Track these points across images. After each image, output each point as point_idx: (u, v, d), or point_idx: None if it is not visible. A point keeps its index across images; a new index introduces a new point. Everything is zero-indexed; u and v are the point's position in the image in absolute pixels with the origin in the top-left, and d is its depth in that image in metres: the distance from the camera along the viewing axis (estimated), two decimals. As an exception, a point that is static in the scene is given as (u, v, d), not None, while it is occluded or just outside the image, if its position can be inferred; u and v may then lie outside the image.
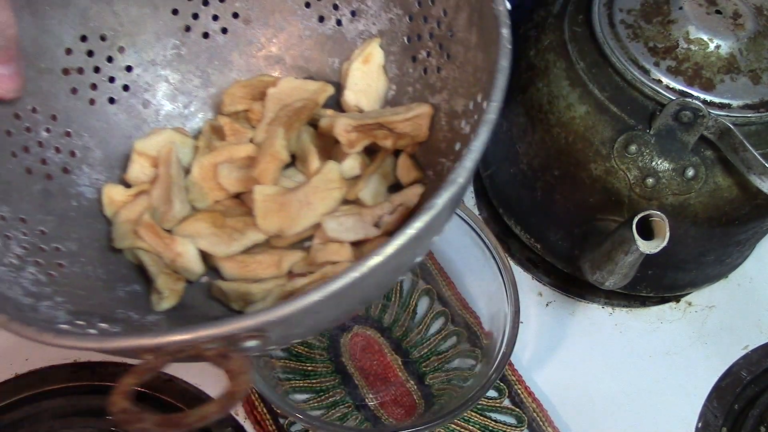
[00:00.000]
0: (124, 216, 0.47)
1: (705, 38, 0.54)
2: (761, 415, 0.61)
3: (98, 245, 0.47)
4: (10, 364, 0.61)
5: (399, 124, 0.47)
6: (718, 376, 0.64)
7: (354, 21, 0.51)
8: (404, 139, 0.47)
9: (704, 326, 0.67)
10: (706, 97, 0.52)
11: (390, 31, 0.51)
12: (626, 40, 0.55)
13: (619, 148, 0.54)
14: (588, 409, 0.62)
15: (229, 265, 0.46)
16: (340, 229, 0.45)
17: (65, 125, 0.48)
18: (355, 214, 0.45)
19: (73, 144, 0.48)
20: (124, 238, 0.47)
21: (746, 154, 0.51)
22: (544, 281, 0.68)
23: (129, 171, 0.49)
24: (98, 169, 0.49)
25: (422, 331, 0.63)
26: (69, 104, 0.48)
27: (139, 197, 0.48)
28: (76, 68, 0.48)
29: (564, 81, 0.57)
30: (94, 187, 0.49)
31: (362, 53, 0.50)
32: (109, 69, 0.50)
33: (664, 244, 0.47)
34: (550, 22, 0.59)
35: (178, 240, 0.46)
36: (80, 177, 0.48)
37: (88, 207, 0.48)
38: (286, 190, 0.46)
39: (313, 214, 0.45)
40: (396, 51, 0.51)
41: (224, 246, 0.46)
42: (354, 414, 0.59)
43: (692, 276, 0.63)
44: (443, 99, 0.47)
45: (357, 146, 0.47)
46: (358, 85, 0.50)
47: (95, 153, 0.49)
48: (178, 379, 0.61)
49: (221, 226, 0.46)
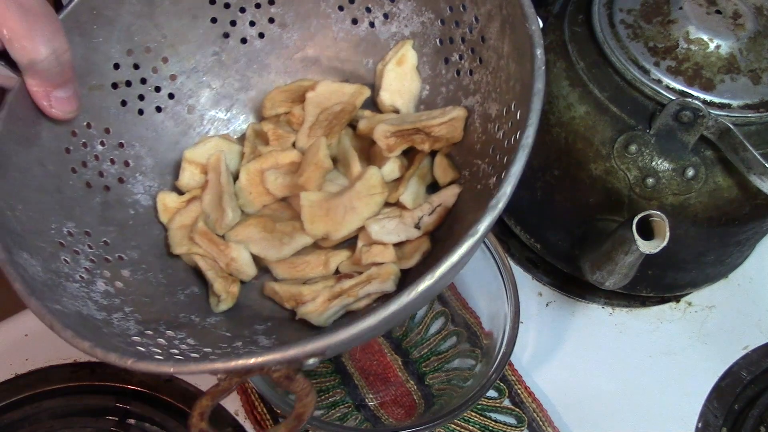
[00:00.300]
0: (179, 222, 0.50)
1: (705, 38, 0.54)
2: (761, 415, 0.61)
3: (156, 251, 0.49)
4: (10, 364, 0.62)
5: (435, 127, 0.48)
6: (718, 376, 0.64)
7: (387, 23, 0.53)
8: (440, 142, 0.49)
9: (704, 326, 0.67)
10: (706, 97, 0.52)
11: (422, 33, 0.52)
12: (626, 40, 0.55)
13: (619, 148, 0.54)
14: (588, 409, 0.62)
15: (280, 267, 0.49)
16: (383, 231, 0.47)
17: (118, 137, 0.50)
18: (396, 216, 0.47)
19: (126, 154, 0.50)
20: (181, 244, 0.49)
21: (746, 154, 0.51)
22: (544, 281, 0.68)
23: (180, 178, 0.51)
24: (151, 177, 0.51)
25: (422, 332, 0.63)
26: (120, 116, 0.50)
27: (191, 203, 0.50)
28: (125, 81, 0.50)
29: (564, 81, 0.57)
30: (149, 195, 0.51)
31: (396, 55, 0.52)
32: (154, 79, 0.52)
33: (664, 244, 0.47)
34: (550, 21, 0.59)
35: (232, 246, 0.48)
36: (135, 186, 0.50)
37: (144, 214, 0.50)
38: (331, 195, 0.48)
39: (357, 218, 0.47)
40: (429, 53, 0.52)
41: (275, 250, 0.48)
42: (354, 414, 0.59)
43: (692, 276, 0.63)
44: (476, 102, 0.49)
45: (396, 150, 0.48)
46: (393, 85, 0.51)
47: (147, 161, 0.51)
48: (177, 379, 0.61)
49: (271, 230, 0.49)
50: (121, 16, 0.49)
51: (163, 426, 0.59)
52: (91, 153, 0.48)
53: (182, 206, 0.50)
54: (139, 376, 0.61)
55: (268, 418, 0.59)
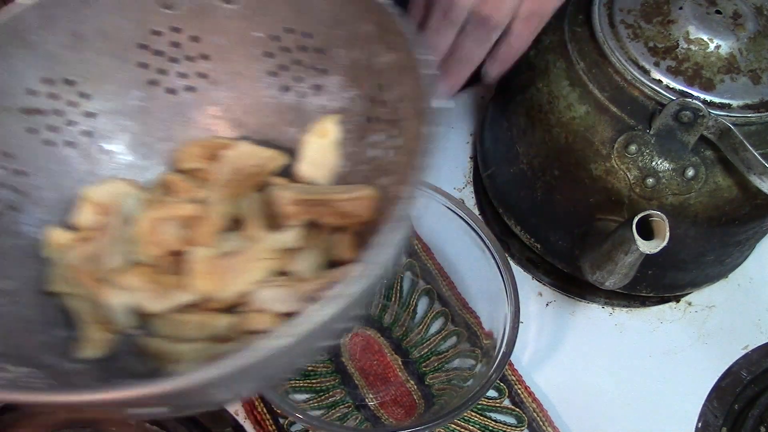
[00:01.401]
0: (64, 260, 0.47)
1: (705, 38, 0.54)
2: (761, 415, 0.61)
3: (32, 286, 0.47)
4: (10, 364, 0.62)
5: (342, 203, 0.47)
6: (718, 376, 0.64)
7: (315, 95, 0.52)
8: (350, 218, 0.47)
9: (704, 326, 0.67)
10: (706, 97, 0.52)
11: (349, 109, 0.51)
12: (626, 40, 0.55)
13: (619, 148, 0.54)
14: (588, 409, 0.62)
15: (158, 322, 0.46)
16: (271, 299, 0.45)
17: (19, 163, 0.47)
18: (288, 286, 0.45)
19: (25, 183, 0.48)
20: (59, 282, 0.47)
21: (746, 154, 0.51)
22: (544, 281, 0.68)
23: (76, 216, 0.49)
24: (47, 210, 0.49)
25: (422, 331, 0.63)
26: (24, 144, 0.47)
27: (83, 243, 0.48)
28: (36, 109, 0.48)
29: (564, 81, 0.57)
30: (40, 228, 0.48)
31: (319, 127, 0.51)
32: (71, 113, 0.50)
33: (664, 244, 0.47)
34: (550, 22, 0.59)
35: (109, 291, 0.46)
36: (26, 216, 0.48)
37: (26, 246, 0.48)
38: (222, 255, 0.46)
39: (245, 280, 0.45)
40: (353, 129, 0.51)
41: (156, 302, 0.46)
42: (354, 414, 0.59)
43: (692, 276, 0.63)
44: (392, 182, 0.47)
45: (295, 220, 0.47)
46: (312, 157, 0.51)
47: (47, 194, 0.49)
48: (178, 379, 0.61)
49: (156, 281, 0.46)
50: (46, 44, 0.47)
51: (163, 426, 0.59)
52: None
53: (72, 244, 0.48)
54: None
55: (268, 418, 0.59)
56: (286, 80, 0.52)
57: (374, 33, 0.47)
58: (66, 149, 0.50)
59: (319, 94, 0.52)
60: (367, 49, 0.48)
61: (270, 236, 0.46)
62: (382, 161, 0.49)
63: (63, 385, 0.40)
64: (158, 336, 0.46)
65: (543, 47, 0.59)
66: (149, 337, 0.46)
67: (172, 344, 0.45)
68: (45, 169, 0.49)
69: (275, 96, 0.53)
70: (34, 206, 0.48)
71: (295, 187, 0.49)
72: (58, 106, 0.49)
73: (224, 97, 0.53)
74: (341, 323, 0.38)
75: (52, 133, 0.49)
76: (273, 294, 0.45)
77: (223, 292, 0.45)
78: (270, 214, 0.49)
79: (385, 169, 0.48)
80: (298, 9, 0.50)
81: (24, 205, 0.48)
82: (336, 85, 0.52)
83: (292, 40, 0.51)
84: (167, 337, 0.46)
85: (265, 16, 0.50)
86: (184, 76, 0.52)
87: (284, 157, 0.52)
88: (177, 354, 0.44)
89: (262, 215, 0.49)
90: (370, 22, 0.47)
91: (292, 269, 0.47)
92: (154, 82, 0.52)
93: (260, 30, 0.51)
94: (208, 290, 0.45)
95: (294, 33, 0.51)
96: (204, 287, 0.45)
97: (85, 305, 0.46)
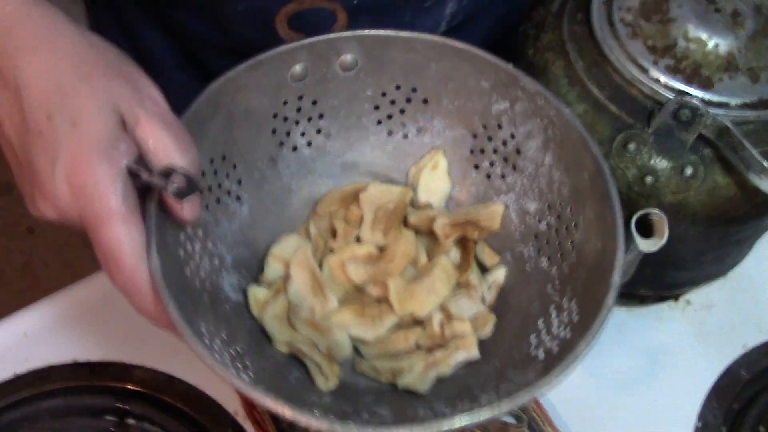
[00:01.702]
0: (271, 313, 0.54)
1: (704, 37, 0.54)
2: (760, 414, 0.61)
3: (253, 342, 0.53)
4: (10, 364, 0.62)
5: (482, 219, 0.57)
6: (717, 375, 0.64)
7: (419, 135, 0.61)
8: (486, 230, 0.58)
9: (703, 325, 0.67)
10: (705, 96, 0.52)
11: (453, 144, 0.60)
12: (625, 39, 0.55)
13: (618, 146, 0.54)
14: (588, 409, 0.62)
15: (369, 346, 0.55)
16: (460, 308, 0.55)
17: (206, 237, 0.53)
18: (465, 295, 0.56)
19: (213, 253, 0.53)
20: (282, 334, 0.53)
21: (745, 153, 0.51)
22: (543, 280, 0.68)
23: (266, 273, 0.57)
24: (232, 273, 0.55)
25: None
26: (205, 218, 0.53)
27: (278, 295, 0.55)
28: (208, 186, 0.53)
29: (563, 80, 0.57)
30: (235, 290, 0.55)
31: (430, 161, 0.60)
32: (227, 184, 0.55)
33: (663, 243, 0.47)
34: (549, 20, 0.59)
35: (334, 330, 0.54)
36: (223, 282, 0.54)
37: (236, 308, 0.54)
38: (411, 280, 0.56)
39: (437, 298, 0.55)
40: (458, 160, 0.60)
41: (371, 331, 0.55)
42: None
43: (691, 275, 0.63)
44: (510, 199, 0.58)
45: (451, 237, 0.57)
46: (428, 186, 0.60)
47: (227, 258, 0.55)
48: (178, 379, 0.61)
49: (362, 314, 0.55)
50: (211, 129, 0.53)
51: (163, 426, 0.59)
52: (193, 253, 0.50)
53: (270, 299, 0.55)
54: (138, 375, 0.61)
55: (268, 418, 0.59)
56: (392, 126, 0.61)
57: (488, 87, 0.56)
58: (228, 217, 0.56)
59: (423, 134, 0.61)
60: (479, 98, 0.57)
61: (445, 260, 0.56)
62: (493, 183, 0.59)
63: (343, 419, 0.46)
64: (372, 357, 0.55)
65: (541, 46, 0.59)
66: (375, 360, 0.54)
67: (392, 361, 0.53)
68: (222, 237, 0.55)
69: (383, 140, 0.61)
70: (225, 272, 0.54)
71: (442, 212, 0.59)
72: (219, 180, 0.55)
73: (338, 147, 0.61)
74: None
75: (218, 205, 0.55)
76: (460, 304, 0.55)
77: (423, 310, 0.55)
78: (429, 240, 0.59)
79: (498, 188, 0.59)
80: (407, 71, 0.58)
81: (219, 273, 0.53)
82: (439, 126, 0.60)
83: (399, 94, 0.59)
84: (381, 355, 0.55)
85: (376, 78, 0.58)
86: (304, 134, 0.59)
87: (410, 191, 0.60)
88: (401, 368, 0.53)
89: (421, 244, 0.59)
90: (484, 79, 0.56)
91: (461, 280, 0.57)
92: (281, 143, 0.59)
93: (370, 89, 0.59)
94: (409, 312, 0.55)
95: (401, 89, 0.59)
96: (406, 310, 0.55)
97: (309, 347, 0.53)
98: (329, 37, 0.55)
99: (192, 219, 0.46)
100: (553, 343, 0.49)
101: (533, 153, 0.56)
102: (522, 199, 0.57)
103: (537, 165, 0.55)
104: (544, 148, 0.55)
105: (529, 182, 0.56)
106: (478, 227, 0.57)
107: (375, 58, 0.57)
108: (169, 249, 0.47)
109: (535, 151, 0.55)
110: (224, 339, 0.49)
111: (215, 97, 0.52)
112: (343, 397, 0.52)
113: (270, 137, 0.58)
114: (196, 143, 0.48)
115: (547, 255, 0.55)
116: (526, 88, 0.54)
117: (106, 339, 0.63)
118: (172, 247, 0.48)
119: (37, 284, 1.53)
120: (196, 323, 0.45)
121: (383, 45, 0.56)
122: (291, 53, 0.55)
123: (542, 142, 0.55)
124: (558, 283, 0.53)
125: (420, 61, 0.57)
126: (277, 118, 0.57)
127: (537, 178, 0.56)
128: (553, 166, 0.54)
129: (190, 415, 0.60)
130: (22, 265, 1.56)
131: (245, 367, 0.48)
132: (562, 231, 0.54)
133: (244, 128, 0.56)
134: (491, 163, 0.59)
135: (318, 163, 0.61)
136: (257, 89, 0.55)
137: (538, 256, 0.56)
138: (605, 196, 0.49)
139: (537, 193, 0.56)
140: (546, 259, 0.55)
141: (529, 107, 0.54)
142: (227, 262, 0.55)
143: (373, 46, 0.56)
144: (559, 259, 0.53)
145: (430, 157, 0.60)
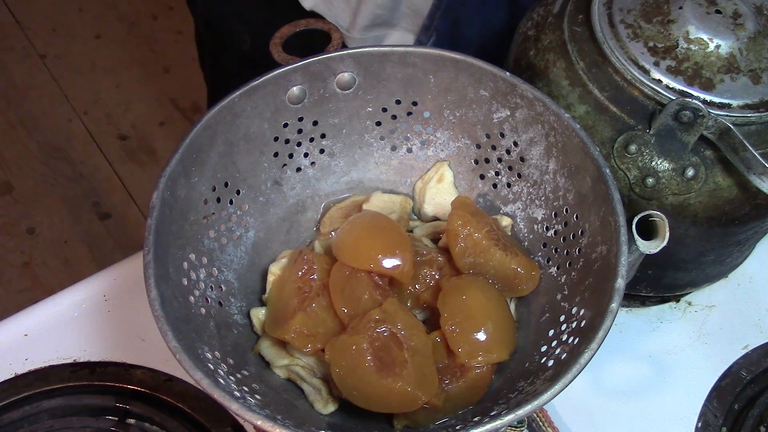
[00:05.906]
0: (268, 340, 0.54)
1: (705, 38, 0.54)
2: (761, 414, 0.61)
3: (260, 366, 0.53)
4: (10, 364, 0.62)
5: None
6: (717, 375, 0.64)
7: (423, 149, 0.61)
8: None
9: (704, 326, 0.67)
10: (706, 97, 0.52)
11: (458, 155, 0.60)
12: (626, 40, 0.55)
13: (619, 147, 0.54)
14: (588, 409, 0.62)
15: None
16: None
17: (211, 264, 0.53)
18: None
19: (220, 279, 0.54)
20: (279, 358, 0.53)
21: (746, 154, 0.51)
22: (543, 281, 0.68)
23: (268, 291, 0.56)
24: (239, 297, 0.55)
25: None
26: (210, 246, 0.54)
27: None
28: (211, 214, 0.54)
29: (564, 81, 0.57)
30: (242, 314, 0.55)
31: (435, 174, 0.60)
32: (230, 210, 0.56)
33: (664, 244, 0.47)
34: (550, 21, 0.59)
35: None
36: (230, 307, 0.54)
37: (244, 333, 0.54)
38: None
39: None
40: (464, 171, 0.60)
41: None
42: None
43: (692, 276, 0.63)
44: (518, 208, 0.59)
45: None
46: (434, 200, 0.60)
47: (234, 284, 0.56)
48: (178, 379, 0.61)
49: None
50: (210, 158, 0.53)
51: (163, 426, 0.59)
52: (198, 281, 0.51)
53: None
54: (138, 375, 0.61)
55: (268, 418, 0.59)
56: (395, 141, 0.61)
57: (487, 96, 0.56)
58: (234, 243, 0.56)
59: (427, 147, 0.61)
60: (480, 108, 0.57)
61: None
62: (499, 192, 0.59)
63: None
64: None
65: (542, 47, 0.59)
66: None
67: None
68: (227, 263, 0.55)
69: (387, 155, 0.61)
70: (232, 297, 0.54)
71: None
72: (223, 208, 0.55)
73: (342, 165, 0.61)
74: None
75: (223, 230, 0.55)
76: None
77: None
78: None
79: (504, 198, 0.59)
80: (406, 85, 0.58)
81: (226, 299, 0.54)
82: (443, 138, 0.60)
83: (399, 108, 0.59)
84: None
85: (375, 94, 0.58)
86: (307, 155, 0.59)
87: (410, 200, 0.61)
88: None
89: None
90: (483, 88, 0.56)
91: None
92: (284, 165, 0.59)
93: (370, 106, 0.59)
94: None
95: (401, 103, 0.59)
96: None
97: (308, 372, 0.53)
98: (324, 56, 0.56)
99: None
100: (562, 350, 0.49)
101: (537, 160, 0.56)
102: (529, 207, 0.58)
103: (542, 172, 0.56)
104: (547, 154, 0.55)
105: (535, 190, 0.57)
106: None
107: (373, 75, 0.57)
108: (171, 278, 0.48)
109: (539, 158, 0.56)
110: (231, 364, 0.49)
111: (212, 126, 0.53)
112: (350, 415, 0.52)
113: (272, 160, 0.58)
114: (197, 171, 0.49)
115: (557, 263, 0.55)
116: (524, 94, 0.54)
117: (106, 339, 0.63)
118: (175, 276, 0.48)
119: (37, 284, 1.53)
120: (199, 350, 0.46)
121: (380, 61, 0.56)
122: (286, 76, 0.55)
123: (545, 149, 0.55)
124: (567, 291, 0.53)
125: (418, 74, 0.57)
126: (278, 141, 0.58)
127: (542, 185, 0.56)
128: (557, 172, 0.55)
129: (190, 415, 0.60)
130: (22, 265, 1.56)
131: (252, 390, 0.48)
132: (570, 238, 0.54)
133: (246, 154, 0.56)
134: (497, 173, 0.59)
135: (323, 182, 0.61)
136: (255, 114, 0.55)
137: (548, 264, 0.55)
138: (608, 200, 0.49)
139: (543, 201, 0.56)
140: (555, 267, 0.55)
141: (529, 114, 0.55)
142: (234, 288, 0.55)
143: (370, 62, 0.56)
144: (568, 266, 0.53)
145: (435, 170, 0.60)
